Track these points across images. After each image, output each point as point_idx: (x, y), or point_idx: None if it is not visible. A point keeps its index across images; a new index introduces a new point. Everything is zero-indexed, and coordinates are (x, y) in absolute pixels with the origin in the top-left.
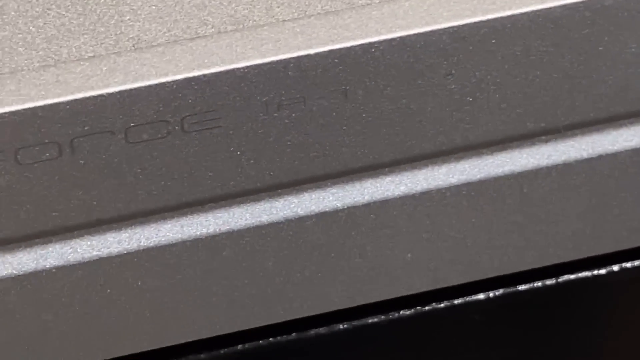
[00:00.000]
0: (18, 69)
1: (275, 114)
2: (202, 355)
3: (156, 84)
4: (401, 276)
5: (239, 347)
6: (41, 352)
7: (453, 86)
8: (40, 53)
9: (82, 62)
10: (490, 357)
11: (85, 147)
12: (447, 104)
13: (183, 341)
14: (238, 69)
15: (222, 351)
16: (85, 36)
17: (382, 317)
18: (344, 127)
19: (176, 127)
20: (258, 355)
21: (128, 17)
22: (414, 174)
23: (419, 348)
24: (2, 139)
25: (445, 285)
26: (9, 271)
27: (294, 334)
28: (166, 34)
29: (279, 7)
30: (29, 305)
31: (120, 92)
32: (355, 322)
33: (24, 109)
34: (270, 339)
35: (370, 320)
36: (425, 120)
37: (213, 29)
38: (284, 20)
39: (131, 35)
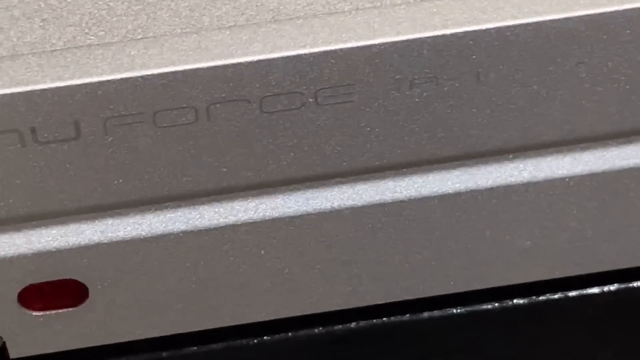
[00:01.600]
0: (161, 35)
1: (407, 92)
2: (317, 330)
3: (293, 56)
4: (518, 263)
5: (353, 324)
6: (162, 315)
7: (584, 75)
8: (182, 20)
9: (222, 31)
10: (601, 350)
11: (221, 114)
12: (577, 92)
13: (303, 314)
14: (374, 45)
15: (336, 327)
16: (227, 6)
17: (496, 304)
18: (473, 110)
19: (310, 99)
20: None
21: None
22: (538, 161)
23: (533, 337)
24: (142, 101)
25: (561, 275)
26: (138, 232)
27: (407, 315)
28: (305, 8)
29: None
30: (154, 267)
31: (258, 62)
32: (469, 308)
33: (165, 73)
34: (384, 318)
35: (483, 307)
36: (553, 107)
37: (351, 5)
38: (422, 1)
39: (271, 8)
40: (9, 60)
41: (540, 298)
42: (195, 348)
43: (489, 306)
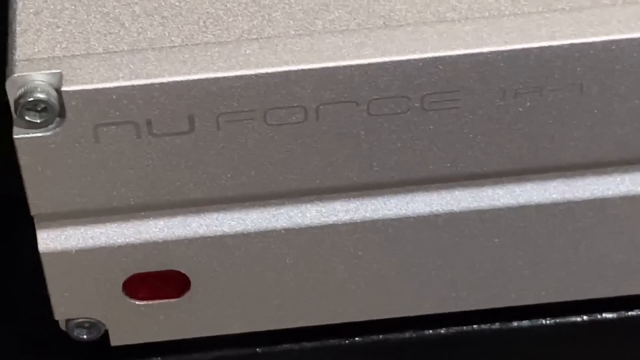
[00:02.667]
0: (275, 36)
1: (511, 101)
2: (407, 334)
3: (402, 60)
4: (610, 277)
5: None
6: (260, 310)
7: None
8: (296, 22)
9: (335, 34)
10: None
11: (330, 115)
12: None
13: (395, 316)
14: (481, 53)
15: (426, 332)
16: (340, 11)
17: (585, 317)
18: (575, 121)
19: (416, 104)
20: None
21: None
22: (635, 176)
23: (620, 352)
24: (254, 99)
25: None
26: (242, 228)
27: (497, 324)
28: (415, 15)
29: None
30: (256, 263)
31: (368, 65)
32: (559, 320)
33: (278, 72)
34: (474, 325)
35: (572, 319)
36: None
37: (460, 15)
38: (529, 12)
39: (382, 14)
40: (129, 55)
41: (630, 313)
42: (289, 345)
43: (577, 319)
